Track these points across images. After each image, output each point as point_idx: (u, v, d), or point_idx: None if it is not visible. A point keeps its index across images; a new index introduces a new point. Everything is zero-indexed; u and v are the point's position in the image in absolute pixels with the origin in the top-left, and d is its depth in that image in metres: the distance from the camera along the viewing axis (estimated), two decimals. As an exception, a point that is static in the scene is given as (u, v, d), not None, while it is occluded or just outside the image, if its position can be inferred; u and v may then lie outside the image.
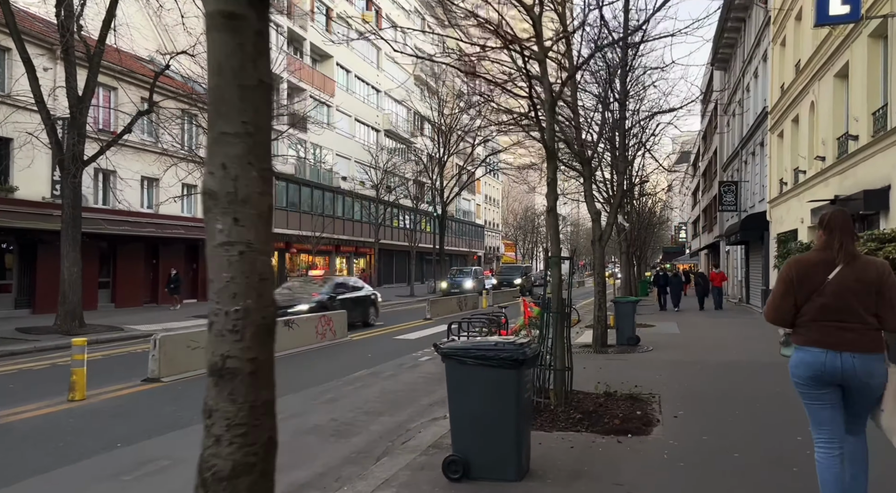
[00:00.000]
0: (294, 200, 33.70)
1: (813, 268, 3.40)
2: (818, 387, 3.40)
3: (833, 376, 3.33)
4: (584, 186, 13.03)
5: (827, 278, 3.34)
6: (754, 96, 24.76)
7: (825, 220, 3.49)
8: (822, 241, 3.47)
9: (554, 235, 7.53)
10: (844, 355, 3.29)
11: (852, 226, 3.46)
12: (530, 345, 5.05)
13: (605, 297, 12.88)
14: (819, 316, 3.35)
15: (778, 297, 3.49)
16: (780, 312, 3.49)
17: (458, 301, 24.34)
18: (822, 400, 3.42)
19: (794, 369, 3.47)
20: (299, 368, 10.76)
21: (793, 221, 17.30)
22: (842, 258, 3.34)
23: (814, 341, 3.37)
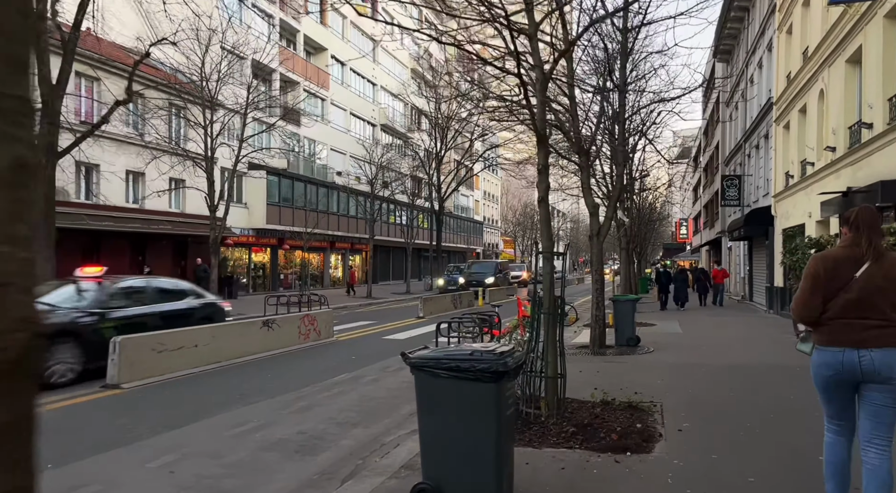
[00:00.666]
0: (287, 195, 32.98)
1: (841, 264, 3.39)
2: (837, 388, 3.46)
3: (853, 374, 3.36)
4: (581, 177, 12.32)
5: (854, 275, 3.34)
6: (758, 87, 24.02)
7: (852, 217, 3.48)
8: (848, 238, 3.47)
9: (546, 227, 6.84)
10: (862, 351, 3.32)
11: (879, 223, 3.47)
12: (513, 354, 4.36)
13: (603, 295, 12.18)
14: (843, 313, 3.37)
15: (807, 293, 3.47)
16: (808, 308, 3.47)
17: (452, 299, 23.64)
18: (839, 397, 3.51)
19: (816, 369, 3.52)
20: (276, 371, 10.07)
21: (800, 216, 16.60)
22: (870, 255, 3.34)
23: (834, 341, 3.40)
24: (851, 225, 3.47)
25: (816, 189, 15.05)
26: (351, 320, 19.14)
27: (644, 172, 29.37)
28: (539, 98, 6.76)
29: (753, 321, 17.95)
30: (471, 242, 66.66)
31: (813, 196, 15.53)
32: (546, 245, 6.79)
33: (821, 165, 14.60)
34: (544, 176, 6.77)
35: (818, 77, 14.87)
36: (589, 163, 12.46)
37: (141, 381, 8.47)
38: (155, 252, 23.92)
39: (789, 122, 18.32)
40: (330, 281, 39.25)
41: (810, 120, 15.91)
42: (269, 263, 33.20)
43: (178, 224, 24.29)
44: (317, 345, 12.87)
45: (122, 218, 21.94)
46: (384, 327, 17.50)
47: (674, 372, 9.36)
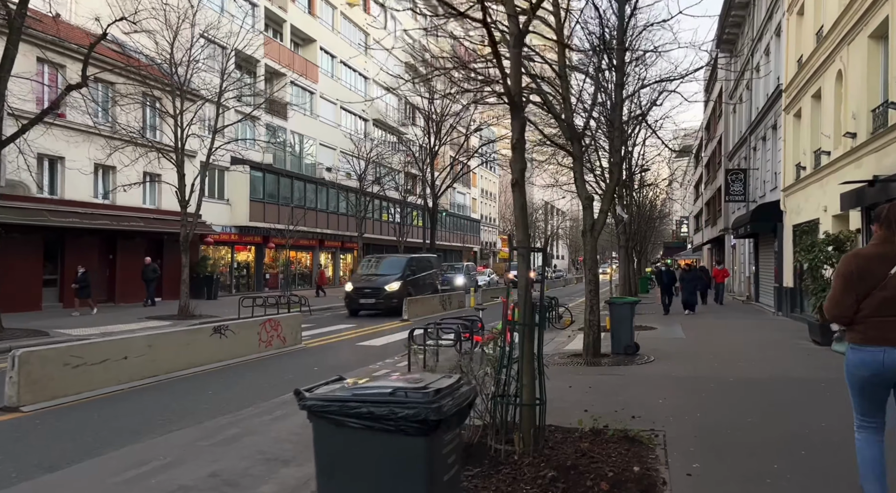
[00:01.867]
0: (272, 191, 31.65)
1: (874, 262, 3.35)
2: (874, 387, 3.37)
3: (892, 372, 3.28)
4: (574, 167, 11.05)
5: (889, 273, 3.28)
6: (765, 76, 22.70)
7: (882, 214, 3.43)
8: (881, 235, 3.42)
9: (521, 216, 5.54)
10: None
11: None
12: (455, 391, 3.06)
13: (597, 297, 10.88)
14: (879, 311, 3.30)
15: (839, 292, 3.42)
16: (841, 307, 3.41)
17: (441, 300, 22.33)
18: (875, 397, 3.41)
19: (854, 369, 3.42)
20: (220, 387, 8.76)
21: (813, 211, 15.29)
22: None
23: (871, 339, 3.32)
24: (883, 222, 3.40)
25: (833, 180, 13.73)
26: (329, 324, 17.84)
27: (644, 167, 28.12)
28: (513, 58, 5.45)
29: (762, 325, 16.64)
30: (467, 241, 65.34)
31: (828, 188, 14.22)
32: (521, 238, 5.49)
33: (838, 153, 13.29)
34: (519, 153, 5.47)
35: (835, 57, 13.55)
36: (583, 151, 11.19)
37: (49, 402, 7.16)
38: (127, 251, 22.62)
39: (801, 109, 17.00)
40: (319, 281, 37.93)
41: (826, 105, 14.60)
42: (254, 262, 31.89)
43: (152, 221, 22.99)
44: (279, 354, 11.56)
45: (90, 214, 20.64)
46: (363, 331, 16.21)
47: (678, 388, 8.06)
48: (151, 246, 24.13)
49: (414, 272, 22.61)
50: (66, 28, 19.76)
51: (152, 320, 17.52)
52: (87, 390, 7.66)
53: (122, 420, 6.76)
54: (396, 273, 21.56)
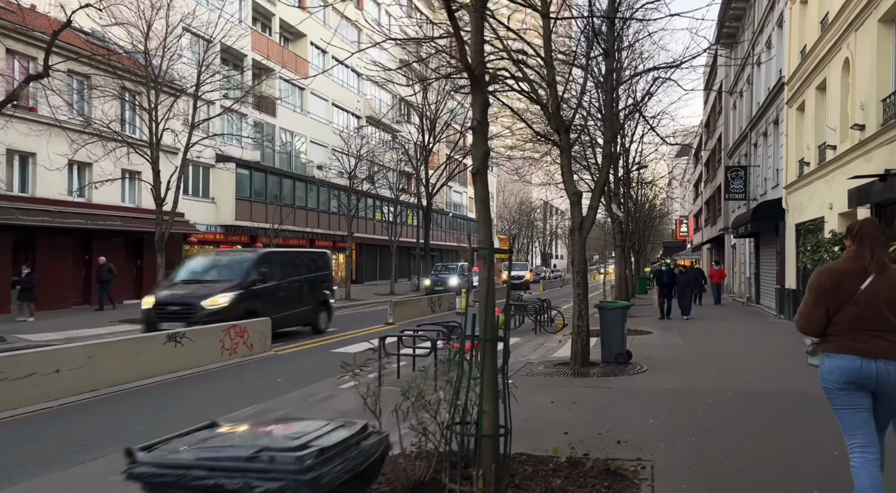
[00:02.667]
0: (260, 189, 30.82)
1: (845, 277, 3.40)
2: (852, 391, 3.37)
3: (868, 381, 3.31)
4: (562, 160, 10.23)
5: (860, 288, 3.34)
6: (766, 69, 21.88)
7: (854, 229, 3.52)
8: (852, 250, 3.49)
9: (483, 211, 4.72)
10: (879, 362, 3.28)
11: (882, 235, 3.47)
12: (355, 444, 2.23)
13: (586, 300, 10.05)
14: (853, 325, 3.35)
15: (810, 306, 3.47)
16: (812, 322, 3.47)
17: (429, 302, 21.48)
18: (856, 405, 3.38)
19: (828, 374, 3.43)
20: (166, 402, 7.94)
21: (817, 208, 14.47)
22: (874, 268, 3.35)
23: (846, 349, 3.36)
24: (855, 237, 3.49)
25: (839, 176, 12.91)
26: (308, 328, 16.99)
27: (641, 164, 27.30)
28: (474, 24, 4.61)
29: (764, 329, 15.82)
30: (464, 241, 64.46)
31: (834, 185, 13.40)
32: (483, 237, 4.66)
33: (845, 147, 12.46)
34: (480, 137, 4.64)
35: (842, 45, 12.72)
36: (570, 143, 10.37)
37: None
38: (104, 250, 21.78)
39: (804, 102, 16.18)
40: (310, 281, 37.09)
41: (831, 97, 13.77)
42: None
43: (131, 220, 22.16)
44: (244, 363, 10.74)
45: (63, 212, 19.82)
46: (343, 335, 15.38)
47: (672, 404, 7.23)
48: (131, 246, 23.32)
49: (266, 278, 14.26)
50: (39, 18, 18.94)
51: (124, 324, 16.68)
52: (11, 408, 6.83)
53: (32, 447, 5.94)
54: (230, 280, 13.50)
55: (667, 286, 18.67)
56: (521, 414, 6.87)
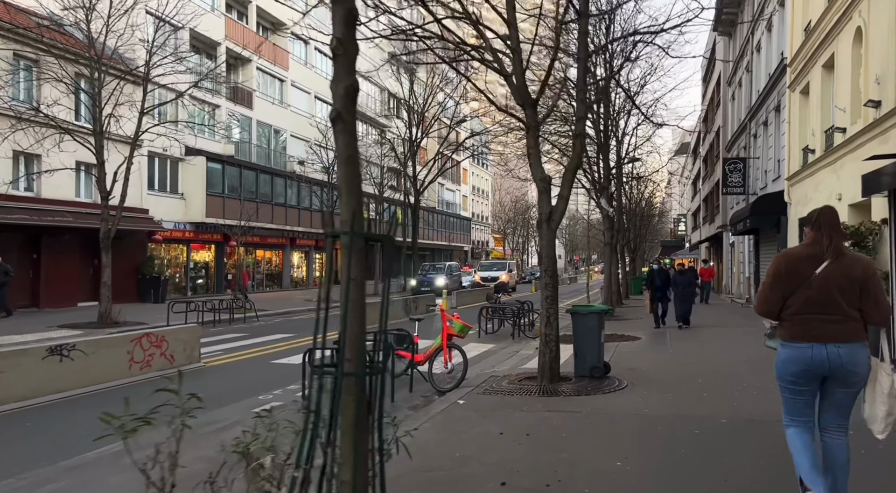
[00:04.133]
0: (234, 185, 29.28)
1: (801, 262, 3.51)
2: (804, 383, 3.50)
3: (821, 368, 3.43)
4: (527, 139, 8.75)
5: (814, 273, 3.44)
6: (766, 54, 20.41)
7: (814, 217, 3.59)
8: (810, 236, 3.58)
9: (348, 175, 3.22)
10: (829, 345, 3.39)
11: (840, 223, 3.55)
12: None
13: (556, 305, 8.55)
14: (804, 309, 3.45)
15: (767, 289, 3.59)
16: (768, 304, 3.58)
17: (404, 304, 19.97)
18: (804, 395, 3.55)
19: (783, 365, 3.56)
20: (7, 437, 6.44)
21: (824, 200, 12.96)
22: (830, 254, 3.44)
23: (798, 336, 3.47)
24: (814, 225, 3.56)
25: (849, 162, 11.44)
26: (264, 333, 15.50)
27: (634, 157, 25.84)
28: None
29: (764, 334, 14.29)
30: (457, 240, 63.01)
31: (844, 172, 11.91)
32: (348, 216, 3.17)
33: (857, 128, 10.97)
34: (342, 63, 3.16)
35: (852, 13, 11.23)
36: (538, 121, 8.88)
37: None
38: (54, 249, 20.29)
39: (809, 83, 14.69)
40: (291, 282, 35.59)
41: (841, 74, 12.28)
42: (214, 262, 29.52)
43: (85, 216, 20.62)
44: (158, 378, 9.19)
45: (5, 208, 18.29)
46: (297, 342, 13.87)
47: (649, 437, 5.74)
48: (87, 244, 21.76)
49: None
50: None
51: (63, 329, 15.22)
52: None
53: None
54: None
55: (660, 289, 15.96)
56: (456, 452, 5.43)
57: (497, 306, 16.34)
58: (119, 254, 23.01)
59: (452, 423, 6.43)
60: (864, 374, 3.45)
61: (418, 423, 6.45)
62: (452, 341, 8.95)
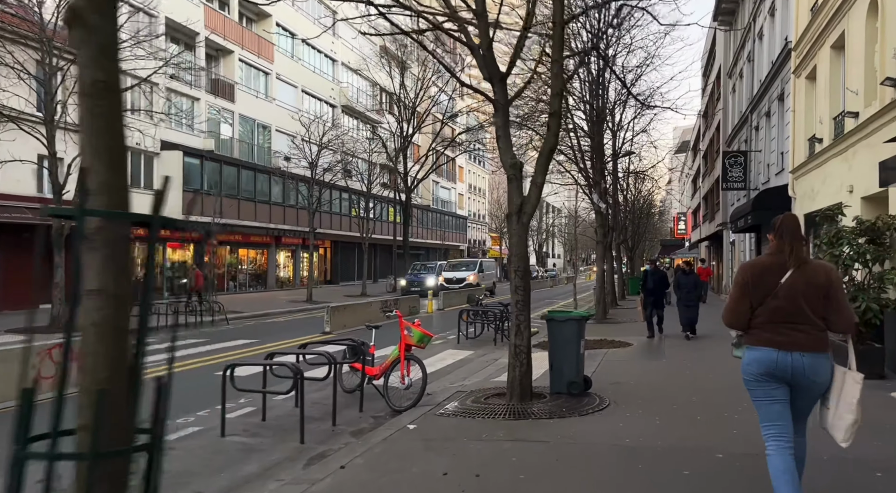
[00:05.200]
0: (214, 181, 28.11)
1: (767, 272, 3.50)
2: (769, 383, 3.49)
3: (784, 372, 3.44)
4: (496, 119, 7.59)
5: (780, 282, 3.44)
6: (769, 40, 19.24)
7: (777, 224, 3.58)
8: (774, 245, 3.57)
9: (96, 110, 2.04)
10: (794, 354, 3.41)
11: (801, 230, 3.58)
12: None
13: (528, 311, 7.38)
14: (772, 318, 3.46)
15: (735, 300, 3.59)
16: (736, 315, 3.59)
17: (382, 306, 18.79)
18: (773, 396, 3.52)
19: (747, 366, 3.56)
20: None
21: (833, 193, 11.82)
22: (793, 262, 3.45)
23: (766, 341, 3.47)
24: (776, 233, 3.55)
25: (862, 150, 10.28)
26: (224, 339, 14.35)
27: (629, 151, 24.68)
28: None
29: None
30: (452, 239, 61.85)
31: (856, 161, 10.75)
32: (96, 179, 1.99)
33: (872, 111, 9.80)
34: None
35: (866, -16, 10.06)
36: (508, 99, 7.71)
37: None
38: (11, 248, 19.14)
39: (815, 68, 13.52)
40: (276, 282, 34.42)
41: (852, 53, 11.11)
42: (194, 261, 28.32)
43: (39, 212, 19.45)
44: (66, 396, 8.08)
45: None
46: (258, 349, 12.73)
47: (628, 484, 4.56)
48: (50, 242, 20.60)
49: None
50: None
51: (7, 335, 14.05)
52: None
53: None
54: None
55: (653, 293, 13.72)
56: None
57: (479, 309, 15.17)
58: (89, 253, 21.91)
59: (390, 458, 5.27)
60: (826, 384, 3.48)
61: (350, 458, 5.30)
62: (411, 353, 7.79)
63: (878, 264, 8.61)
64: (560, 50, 7.35)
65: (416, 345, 7.80)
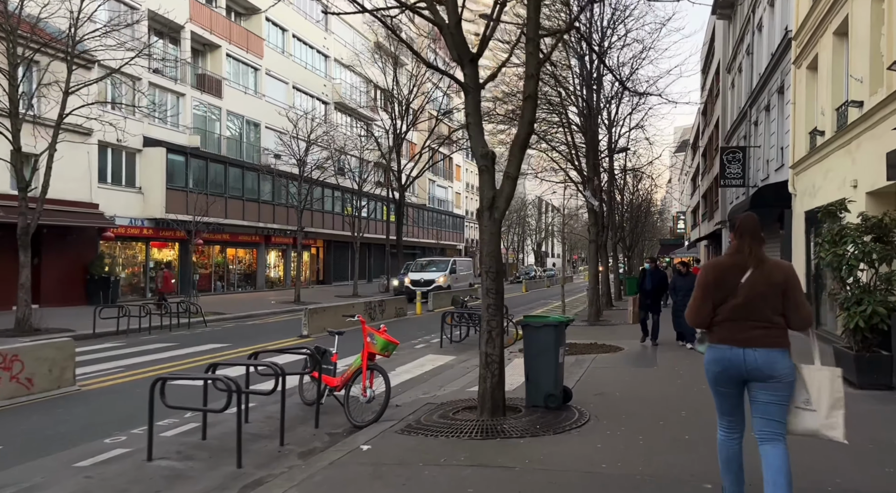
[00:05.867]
0: (200, 179, 27.40)
1: (728, 271, 3.60)
2: (726, 383, 3.61)
3: (738, 370, 3.53)
4: (466, 104, 6.91)
5: (740, 281, 3.53)
6: (769, 31, 18.53)
7: (737, 224, 3.66)
8: (734, 245, 3.66)
9: None
10: (748, 350, 3.50)
11: (760, 230, 3.63)
12: None
13: (501, 315, 6.70)
14: (731, 316, 3.55)
15: (698, 300, 3.68)
16: (699, 314, 3.68)
17: (366, 307, 18.09)
18: (728, 396, 3.65)
19: (708, 364, 3.67)
20: None
21: (835, 189, 11.11)
22: (752, 262, 3.55)
23: (723, 339, 3.58)
24: (736, 232, 3.64)
25: (867, 141, 9.59)
26: (195, 343, 13.66)
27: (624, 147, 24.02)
28: None
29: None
30: (448, 238, 61.12)
31: (861, 154, 10.06)
32: None
33: (878, 98, 9.10)
34: None
35: (872, -38, 9.35)
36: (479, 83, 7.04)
37: None
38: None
39: (817, 56, 12.82)
40: (266, 283, 33.73)
41: (857, 38, 10.41)
42: (179, 261, 27.63)
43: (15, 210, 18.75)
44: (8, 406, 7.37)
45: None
46: (228, 354, 12.07)
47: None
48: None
49: None
50: None
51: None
52: None
53: None
54: None
55: (649, 294, 12.43)
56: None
57: (464, 312, 14.49)
58: (65, 252, 21.26)
59: (330, 488, 4.59)
60: (785, 379, 3.49)
61: (285, 487, 4.63)
62: (374, 362, 7.10)
63: (885, 264, 7.92)
64: (535, 28, 6.66)
65: (380, 353, 7.11)
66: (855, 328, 7.78)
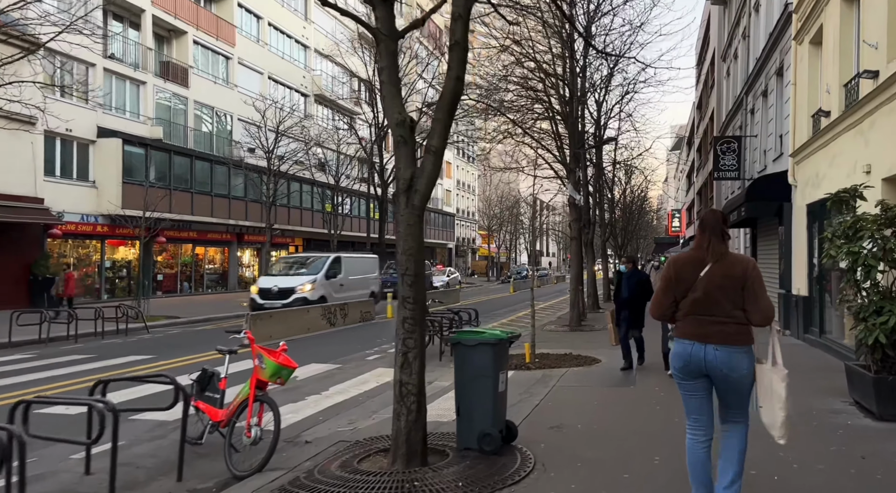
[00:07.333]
0: (162, 173, 25.77)
1: (688, 266, 3.65)
2: (689, 377, 3.64)
3: (698, 365, 3.57)
4: (378, 58, 5.33)
5: (699, 275, 3.57)
6: (766, 12, 17.01)
7: (701, 220, 3.76)
8: (696, 240, 3.73)
9: None
10: (709, 346, 3.52)
11: (721, 226, 3.66)
12: None
13: (422, 330, 5.14)
14: (692, 310, 3.60)
15: (660, 294, 3.76)
16: (661, 308, 3.76)
17: (324, 312, 16.45)
18: (693, 390, 3.66)
19: (672, 359, 3.74)
20: None
21: (843, 176, 9.56)
22: (711, 257, 3.58)
23: (686, 334, 3.63)
24: (700, 227, 3.72)
25: (884, 116, 8.09)
26: (118, 354, 12.08)
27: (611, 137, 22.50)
28: None
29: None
30: (438, 237, 59.56)
31: (874, 134, 8.54)
32: None
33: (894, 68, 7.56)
34: None
35: None
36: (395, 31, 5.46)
37: None
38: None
39: (821, 28, 11.30)
40: (238, 283, 32.12)
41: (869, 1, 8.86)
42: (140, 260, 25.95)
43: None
44: None
45: None
46: (148, 367, 10.49)
47: None
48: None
49: None
50: None
51: None
52: None
53: None
54: None
55: (626, 304, 9.56)
56: None
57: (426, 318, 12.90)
58: (5, 250, 19.66)
59: None
60: (743, 377, 3.53)
61: None
62: (264, 393, 5.54)
63: (910, 264, 6.41)
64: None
65: (271, 381, 5.55)
66: (874, 345, 6.26)
